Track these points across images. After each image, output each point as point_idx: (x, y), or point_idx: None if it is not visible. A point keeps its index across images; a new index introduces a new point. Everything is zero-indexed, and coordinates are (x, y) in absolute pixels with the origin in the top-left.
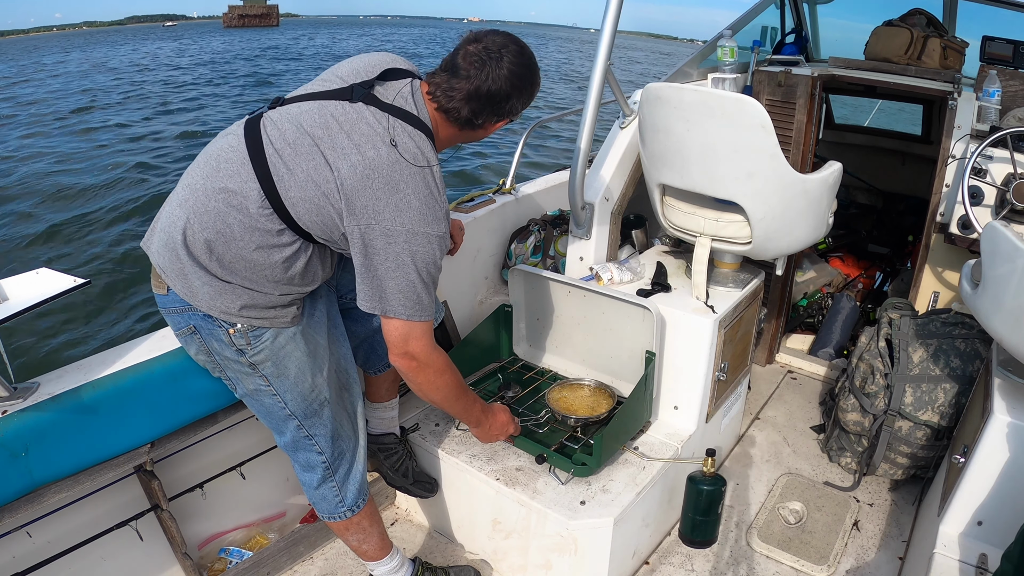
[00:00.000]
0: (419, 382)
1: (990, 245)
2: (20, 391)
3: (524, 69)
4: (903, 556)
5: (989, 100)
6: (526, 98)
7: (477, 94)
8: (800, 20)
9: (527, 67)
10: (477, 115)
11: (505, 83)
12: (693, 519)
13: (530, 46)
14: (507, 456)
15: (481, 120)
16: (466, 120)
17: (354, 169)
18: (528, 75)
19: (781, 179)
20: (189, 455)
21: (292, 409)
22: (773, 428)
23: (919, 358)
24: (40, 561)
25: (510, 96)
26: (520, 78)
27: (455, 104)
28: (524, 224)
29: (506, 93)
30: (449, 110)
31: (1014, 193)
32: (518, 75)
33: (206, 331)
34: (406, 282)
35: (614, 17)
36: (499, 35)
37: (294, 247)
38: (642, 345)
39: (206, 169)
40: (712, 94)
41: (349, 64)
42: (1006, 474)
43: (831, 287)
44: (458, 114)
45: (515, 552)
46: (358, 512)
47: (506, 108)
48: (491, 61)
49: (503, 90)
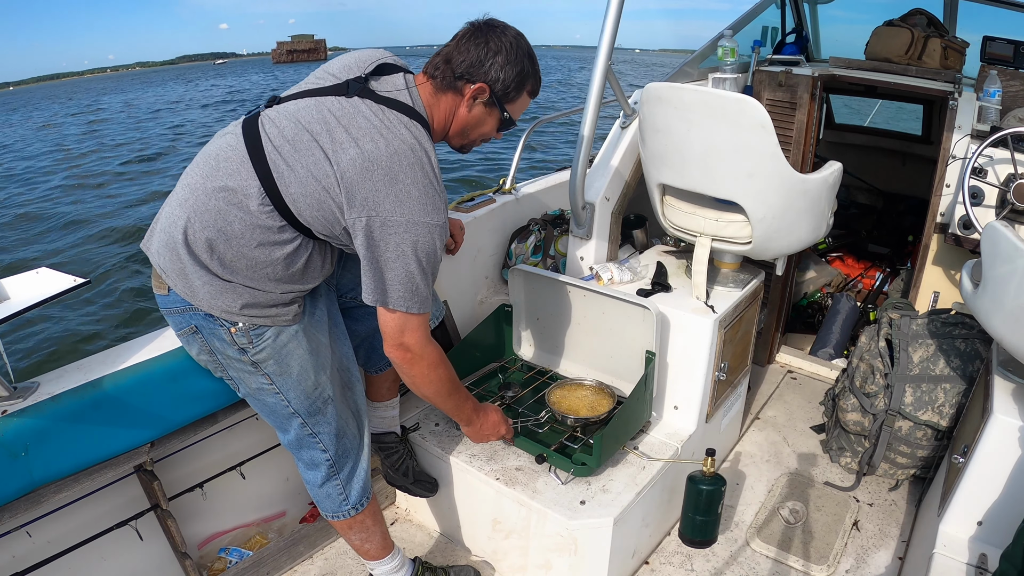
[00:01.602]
0: (412, 374)
1: (990, 245)
2: (20, 391)
3: (511, 40)
4: (903, 556)
5: (990, 100)
6: (509, 68)
7: (458, 48)
8: (800, 20)
9: (515, 39)
10: (456, 67)
11: (490, 45)
12: (693, 519)
13: (574, 69)
14: (507, 456)
15: (460, 73)
16: (443, 77)
17: (353, 162)
18: (514, 44)
19: (781, 179)
20: (189, 455)
21: (295, 407)
22: (773, 428)
23: (919, 358)
24: (40, 561)
25: (494, 55)
26: (503, 45)
27: (438, 61)
28: (524, 224)
29: (488, 52)
30: (435, 71)
31: (1015, 193)
32: (502, 43)
33: (208, 331)
34: (405, 272)
35: (614, 17)
36: (498, 21)
37: (295, 244)
38: (642, 345)
39: (205, 168)
40: (712, 94)
41: (340, 61)
42: (1006, 474)
43: (831, 287)
44: (439, 71)
45: (515, 552)
46: (362, 510)
47: (486, 67)
48: (481, 31)
49: (485, 50)
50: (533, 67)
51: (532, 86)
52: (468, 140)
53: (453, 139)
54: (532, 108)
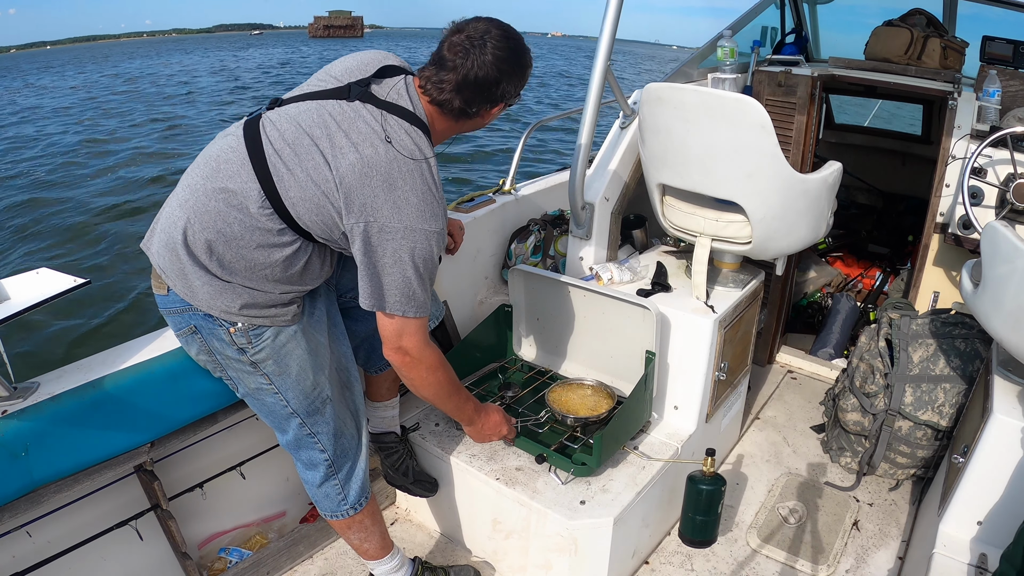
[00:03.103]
0: (412, 378)
1: (990, 245)
2: (20, 391)
3: (509, 52)
4: (903, 556)
5: (989, 100)
6: (516, 80)
7: (466, 83)
8: (800, 20)
9: (512, 50)
10: (470, 104)
11: (492, 68)
12: (693, 519)
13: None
14: (507, 456)
15: (475, 108)
16: (460, 111)
17: (352, 167)
18: (514, 57)
19: (781, 179)
20: (189, 455)
21: (294, 407)
22: (773, 428)
23: (919, 358)
24: (40, 561)
25: (500, 81)
26: (506, 61)
27: (446, 96)
28: (524, 224)
29: (495, 78)
30: (442, 103)
31: (1014, 193)
32: (503, 59)
33: (207, 331)
34: (402, 278)
35: (614, 17)
36: (481, 21)
37: (294, 246)
38: (642, 345)
39: (206, 170)
40: (712, 94)
41: (341, 63)
42: (1006, 474)
43: (831, 287)
44: (451, 105)
45: (515, 552)
46: (361, 510)
47: (497, 93)
48: (475, 48)
49: (491, 76)
50: (528, 59)
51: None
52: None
53: (447, 137)
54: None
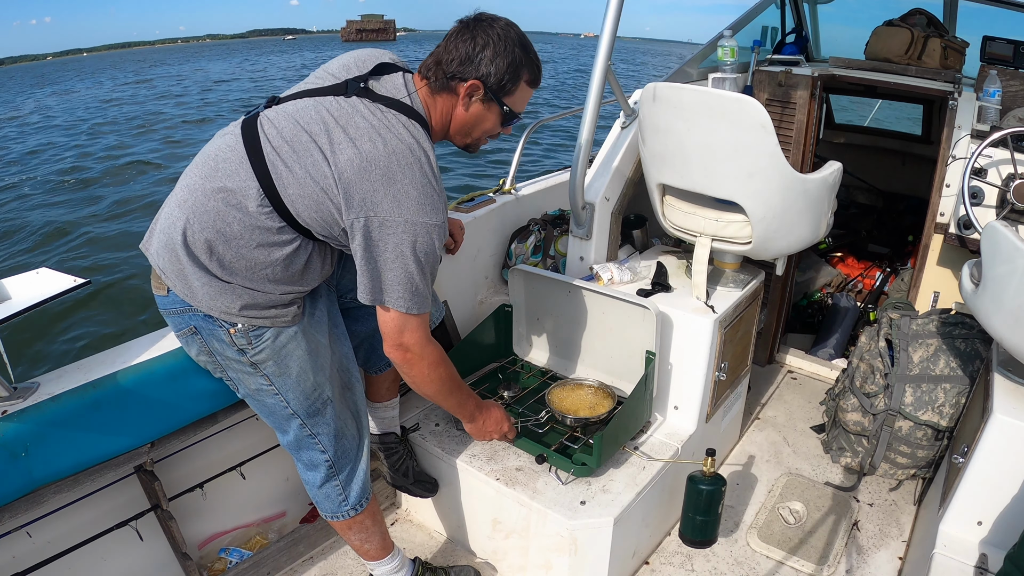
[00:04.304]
0: (413, 375)
1: (990, 245)
2: (20, 391)
3: (496, 29)
4: (903, 556)
5: (989, 100)
6: (500, 60)
7: (447, 48)
8: (800, 20)
9: (500, 27)
10: (448, 65)
11: (472, 42)
12: (693, 519)
13: (642, 62)
14: (507, 456)
15: (451, 72)
16: (445, 80)
17: (351, 163)
18: (499, 34)
19: (781, 179)
20: (189, 455)
21: (295, 408)
22: (773, 428)
23: (919, 358)
24: (40, 561)
25: (480, 49)
26: (486, 35)
27: (430, 62)
28: (524, 224)
29: (474, 49)
30: (428, 68)
31: (1015, 193)
32: (486, 33)
33: (207, 331)
34: (404, 273)
35: (614, 17)
36: (492, 15)
37: (294, 245)
38: (642, 345)
39: (204, 169)
40: (712, 94)
41: (339, 61)
42: (1006, 474)
43: (831, 287)
44: (435, 74)
45: (515, 552)
46: (361, 511)
47: (477, 60)
48: (464, 30)
49: (472, 48)
50: (527, 55)
51: (529, 75)
52: (472, 139)
53: (456, 138)
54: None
